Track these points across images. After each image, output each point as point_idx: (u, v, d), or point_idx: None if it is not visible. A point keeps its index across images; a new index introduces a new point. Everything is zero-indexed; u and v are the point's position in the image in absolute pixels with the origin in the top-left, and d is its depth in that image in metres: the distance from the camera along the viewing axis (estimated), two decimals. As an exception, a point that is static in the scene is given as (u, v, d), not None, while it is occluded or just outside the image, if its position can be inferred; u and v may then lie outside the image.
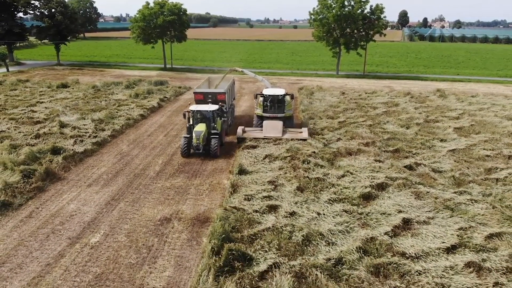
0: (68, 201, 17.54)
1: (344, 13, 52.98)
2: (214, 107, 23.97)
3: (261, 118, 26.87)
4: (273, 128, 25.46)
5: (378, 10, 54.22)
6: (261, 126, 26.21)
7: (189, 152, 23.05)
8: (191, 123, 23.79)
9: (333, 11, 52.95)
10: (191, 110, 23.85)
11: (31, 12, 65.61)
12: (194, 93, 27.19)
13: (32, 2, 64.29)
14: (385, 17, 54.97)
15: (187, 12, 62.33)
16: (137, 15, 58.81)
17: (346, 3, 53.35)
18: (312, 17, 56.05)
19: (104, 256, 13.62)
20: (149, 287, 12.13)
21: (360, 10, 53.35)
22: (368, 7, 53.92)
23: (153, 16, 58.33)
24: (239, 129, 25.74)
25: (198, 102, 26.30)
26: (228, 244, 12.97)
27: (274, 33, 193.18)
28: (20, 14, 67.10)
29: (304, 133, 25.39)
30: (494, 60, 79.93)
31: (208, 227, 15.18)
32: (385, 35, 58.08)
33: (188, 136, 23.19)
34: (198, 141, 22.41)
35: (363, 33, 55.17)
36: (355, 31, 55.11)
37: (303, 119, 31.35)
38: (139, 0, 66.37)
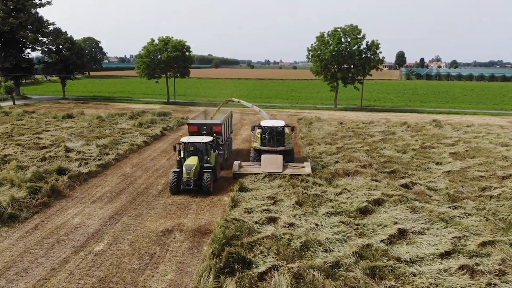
0: (73, 215, 18.03)
1: (341, 49, 55.12)
2: (208, 138, 22.32)
3: (259, 152, 24.93)
4: (272, 162, 23.53)
5: (374, 46, 56.32)
6: (259, 161, 24.35)
7: (179, 188, 20.73)
8: (182, 156, 21.86)
9: (330, 47, 55.17)
10: (183, 142, 21.94)
11: (39, 48, 68.07)
12: (188, 124, 25.77)
13: (40, 38, 66.93)
14: (380, 52, 57.06)
15: (190, 50, 64.57)
16: (142, 51, 61.07)
17: (342, 39, 55.59)
18: (311, 53, 58.17)
19: (108, 262, 13.99)
20: (151, 288, 12.48)
21: (356, 46, 55.47)
22: (364, 43, 56.13)
23: (158, 52, 60.68)
24: (235, 164, 23.85)
25: (192, 134, 24.84)
26: (228, 248, 13.40)
27: (274, 73, 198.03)
28: (28, 50, 69.79)
29: (307, 168, 23.41)
30: (490, 95, 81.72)
31: (209, 237, 15.59)
32: (381, 69, 59.85)
33: (178, 170, 21.04)
34: (188, 176, 20.32)
35: (360, 68, 57.05)
36: (352, 66, 57.01)
37: (302, 145, 32.16)
38: (142, 41, 69.24)
